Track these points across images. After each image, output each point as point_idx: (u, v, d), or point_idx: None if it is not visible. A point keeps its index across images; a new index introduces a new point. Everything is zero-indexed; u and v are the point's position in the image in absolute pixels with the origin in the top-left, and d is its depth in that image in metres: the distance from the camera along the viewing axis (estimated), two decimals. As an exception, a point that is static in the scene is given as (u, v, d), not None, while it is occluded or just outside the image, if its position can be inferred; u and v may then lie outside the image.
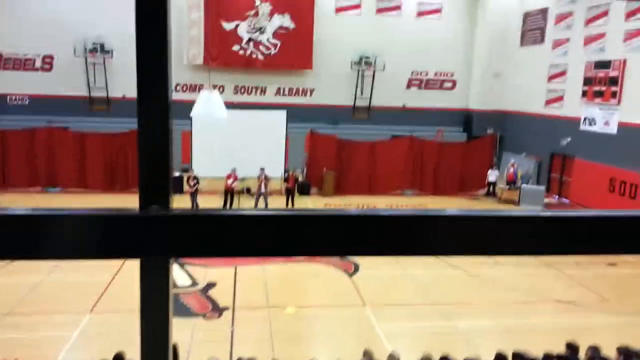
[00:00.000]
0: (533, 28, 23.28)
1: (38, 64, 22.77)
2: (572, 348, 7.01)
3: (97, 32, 22.24)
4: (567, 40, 21.08)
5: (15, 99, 22.67)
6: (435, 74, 25.33)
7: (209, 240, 0.97)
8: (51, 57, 22.75)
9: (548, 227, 0.99)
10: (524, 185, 19.79)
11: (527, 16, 23.70)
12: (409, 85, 25.24)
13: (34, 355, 7.97)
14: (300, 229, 0.98)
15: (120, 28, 21.53)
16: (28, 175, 18.34)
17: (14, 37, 22.15)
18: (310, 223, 0.98)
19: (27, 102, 22.70)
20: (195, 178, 17.33)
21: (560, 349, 6.96)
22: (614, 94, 18.40)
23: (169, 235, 0.96)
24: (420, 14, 24.87)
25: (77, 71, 22.75)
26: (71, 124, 21.72)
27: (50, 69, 22.85)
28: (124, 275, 11.53)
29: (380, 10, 24.67)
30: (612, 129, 18.45)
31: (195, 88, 23.05)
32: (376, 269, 12.44)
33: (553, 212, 1.01)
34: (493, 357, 6.47)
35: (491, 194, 20.94)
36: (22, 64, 22.64)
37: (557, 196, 20.98)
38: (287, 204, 18.29)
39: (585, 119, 19.82)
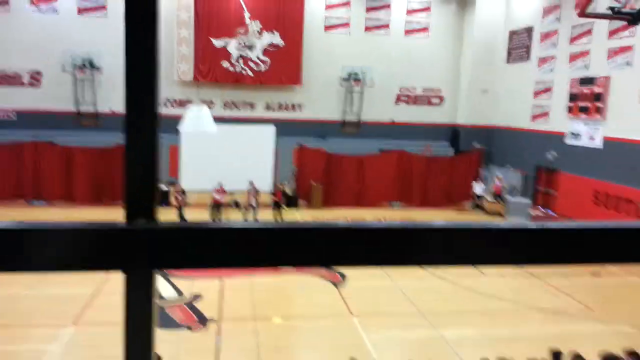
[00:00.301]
0: (519, 46, 23.73)
1: (26, 79, 22.77)
2: (556, 355, 7.02)
3: (86, 48, 22.32)
4: (553, 57, 21.49)
5: (3, 115, 22.60)
6: (424, 90, 25.65)
7: (195, 252, 0.97)
8: (39, 73, 22.77)
9: (535, 238, 1.01)
10: (510, 198, 19.94)
11: (512, 34, 24.17)
12: (397, 101, 25.51)
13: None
14: (287, 241, 0.98)
15: (109, 44, 21.68)
16: (13, 189, 18.19)
17: (2, 53, 22.17)
18: (296, 235, 0.99)
19: (14, 117, 22.63)
20: (182, 192, 17.28)
21: (544, 356, 6.97)
22: (598, 110, 18.71)
23: (154, 248, 0.96)
24: (408, 32, 25.27)
25: (65, 87, 22.76)
26: (59, 138, 21.67)
27: (38, 85, 22.84)
28: (108, 288, 11.42)
29: (368, 29, 25.05)
30: (598, 144, 18.73)
31: (186, 104, 23.14)
32: (363, 280, 12.41)
33: (540, 224, 1.01)
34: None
35: (477, 206, 21.08)
36: (10, 80, 22.63)
37: (542, 208, 21.17)
38: (275, 218, 18.27)
39: (570, 133, 20.11)
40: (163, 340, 8.98)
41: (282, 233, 0.98)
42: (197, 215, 17.68)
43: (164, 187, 18.66)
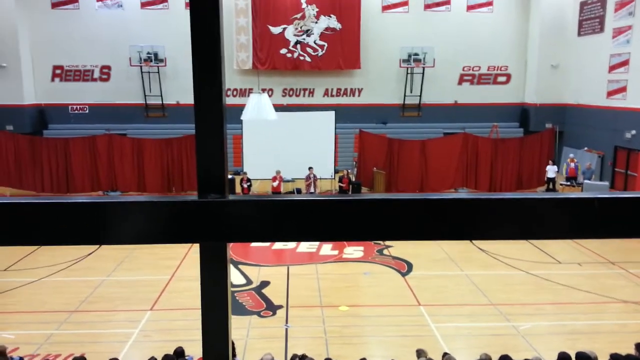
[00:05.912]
0: (591, 17, 22.26)
1: (96, 74, 23.86)
2: (643, 350, 6.59)
3: (150, 42, 23.05)
4: (629, 27, 20.01)
5: (77, 109, 23.86)
6: (489, 69, 24.67)
7: (264, 224, 1.00)
8: (109, 68, 23.78)
9: (605, 209, 0.95)
10: (586, 181, 18.89)
11: (583, 5, 22.70)
12: (460, 81, 24.69)
13: (100, 351, 8.31)
14: (353, 214, 0.97)
15: (171, 36, 22.31)
16: (90, 181, 19.22)
17: (74, 50, 23.34)
18: (363, 207, 0.98)
19: (87, 111, 23.84)
20: (248, 180, 17.66)
21: (627, 351, 6.57)
22: (682, 82, 17.29)
23: (225, 219, 1.00)
24: (471, 7, 24.30)
25: (132, 80, 23.69)
26: (129, 130, 22.63)
27: (108, 79, 23.89)
28: (182, 274, 11.89)
29: (428, 7, 24.30)
30: (682, 119, 17.35)
31: (245, 92, 23.49)
32: (430, 269, 12.21)
33: (609, 194, 0.95)
34: (555, 357, 6.18)
35: (551, 190, 20.12)
36: (82, 75, 23.79)
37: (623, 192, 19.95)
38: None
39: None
40: (234, 326, 9.22)
41: (349, 205, 0.99)
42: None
43: (229, 175, 19.08)
